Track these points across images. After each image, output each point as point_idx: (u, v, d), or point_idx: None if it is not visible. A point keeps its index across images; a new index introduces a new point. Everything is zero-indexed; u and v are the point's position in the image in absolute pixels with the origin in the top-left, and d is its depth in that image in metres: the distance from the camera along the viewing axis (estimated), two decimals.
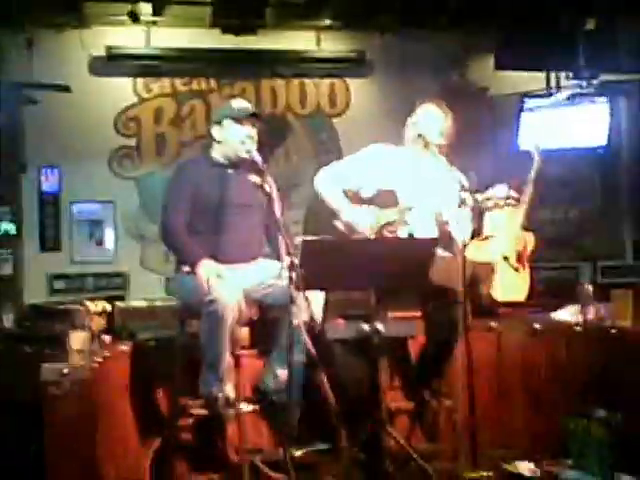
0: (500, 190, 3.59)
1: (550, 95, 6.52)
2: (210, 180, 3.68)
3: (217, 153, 3.76)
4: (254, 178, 3.68)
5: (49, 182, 6.24)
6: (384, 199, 3.87)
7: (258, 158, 3.57)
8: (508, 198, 3.57)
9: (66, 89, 5.96)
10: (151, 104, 6.50)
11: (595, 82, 6.25)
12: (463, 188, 3.53)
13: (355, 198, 3.94)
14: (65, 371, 3.02)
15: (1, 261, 6.00)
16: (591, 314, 4.00)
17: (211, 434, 3.67)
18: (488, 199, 3.57)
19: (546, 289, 5.34)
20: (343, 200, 3.89)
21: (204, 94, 6.52)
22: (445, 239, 3.73)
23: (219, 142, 3.73)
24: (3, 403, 3.33)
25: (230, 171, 3.72)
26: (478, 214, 3.76)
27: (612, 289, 4.05)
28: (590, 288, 4.08)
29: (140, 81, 6.45)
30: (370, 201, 3.92)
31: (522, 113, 6.43)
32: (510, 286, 4.54)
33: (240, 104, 3.80)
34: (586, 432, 2.52)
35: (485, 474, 3.31)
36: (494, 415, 3.95)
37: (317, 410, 3.46)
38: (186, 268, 3.57)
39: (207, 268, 3.43)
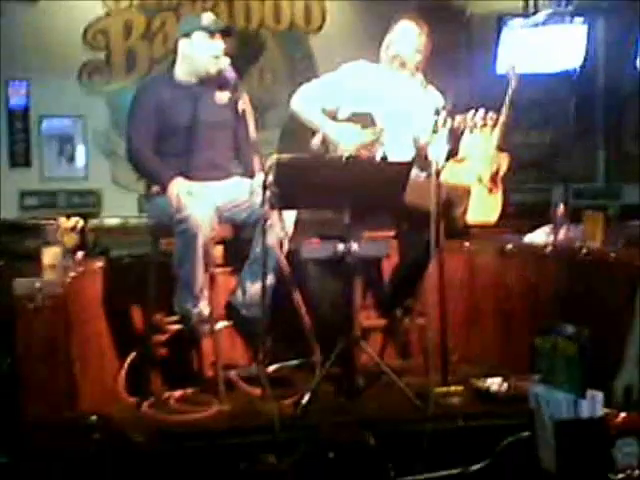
0: (478, 113, 3.57)
1: (528, 15, 6.44)
2: (175, 100, 3.57)
3: (182, 70, 3.62)
4: (222, 96, 3.61)
5: (17, 96, 6.09)
6: (360, 120, 3.83)
7: (232, 74, 3.50)
8: (485, 119, 3.56)
9: None
10: (120, 17, 6.31)
11: (573, 2, 6.17)
12: (440, 109, 3.52)
13: (332, 118, 3.90)
14: (38, 285, 3.00)
15: None
16: (562, 235, 4.05)
17: (186, 350, 3.71)
18: (465, 121, 3.55)
19: (519, 211, 5.38)
20: (323, 116, 3.84)
21: (175, 7, 6.34)
22: (422, 160, 3.73)
23: (186, 57, 3.59)
24: None
25: (196, 89, 3.61)
26: (455, 136, 3.75)
27: (584, 211, 4.09)
28: (562, 210, 4.12)
29: None
30: (347, 122, 3.88)
31: (500, 34, 6.34)
32: (483, 208, 4.57)
33: (210, 18, 3.64)
34: (555, 349, 2.57)
35: (454, 389, 3.40)
36: (465, 333, 4.04)
37: (291, 327, 3.50)
38: (156, 188, 3.53)
39: (177, 185, 3.40)
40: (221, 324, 3.54)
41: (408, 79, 3.81)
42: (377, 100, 3.84)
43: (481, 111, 3.56)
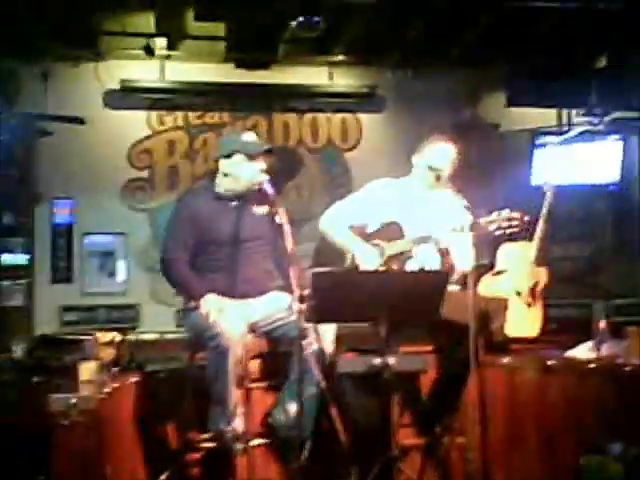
0: (502, 212, 3.55)
1: (562, 132, 6.54)
2: (213, 214, 3.62)
3: (222, 186, 3.67)
4: (261, 210, 3.65)
5: (62, 214, 6.27)
6: (389, 232, 3.86)
7: (270, 190, 3.54)
8: (510, 219, 3.53)
9: (80, 121, 6.02)
10: (164, 137, 6.54)
11: (607, 119, 6.26)
12: (466, 216, 3.53)
13: (361, 233, 3.93)
14: (73, 401, 3.01)
15: (13, 292, 6.01)
16: (605, 351, 3.97)
17: (220, 469, 3.63)
18: (491, 222, 3.54)
19: (560, 326, 5.28)
20: (349, 237, 3.88)
21: (217, 127, 6.56)
22: (446, 267, 3.71)
23: (227, 175, 3.64)
24: (12, 433, 3.31)
25: (234, 204, 3.65)
26: (490, 247, 3.72)
27: (626, 327, 4.02)
28: (604, 325, 4.05)
29: (154, 114, 6.50)
30: (376, 235, 3.91)
31: (534, 148, 6.43)
32: (522, 322, 4.51)
33: (250, 138, 3.72)
34: (602, 468, 2.47)
35: None
36: (507, 452, 3.89)
37: (328, 445, 3.42)
38: (192, 303, 3.55)
39: (208, 302, 3.42)
40: (255, 441, 3.47)
41: (437, 191, 3.85)
42: (405, 213, 3.87)
43: (505, 211, 3.53)
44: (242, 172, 3.61)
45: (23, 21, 5.35)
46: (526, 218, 3.56)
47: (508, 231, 3.54)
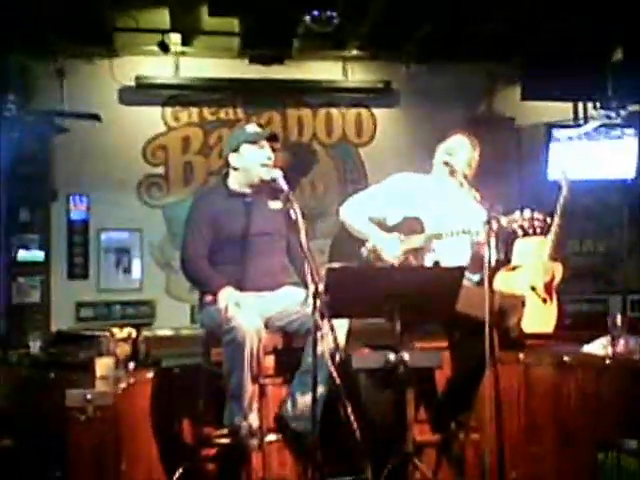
0: (525, 212, 3.54)
1: (578, 126, 6.50)
2: (228, 210, 3.65)
3: (235, 182, 3.70)
4: (275, 205, 3.67)
5: (78, 210, 6.31)
6: (410, 226, 3.85)
7: (284, 185, 3.53)
8: (533, 219, 3.51)
9: (96, 118, 6.03)
10: (179, 133, 6.56)
11: (623, 113, 6.22)
12: (487, 214, 3.50)
13: (381, 226, 3.93)
14: (89, 397, 3.02)
15: (29, 288, 6.06)
16: (621, 347, 3.94)
17: (235, 464, 3.64)
18: (512, 221, 3.52)
19: (575, 322, 5.26)
20: (370, 226, 3.87)
21: (231, 123, 6.57)
22: (478, 260, 3.68)
23: (237, 169, 3.68)
24: (28, 428, 3.34)
25: (249, 200, 3.68)
26: (505, 242, 3.70)
27: None
28: (620, 321, 4.02)
29: (168, 110, 6.52)
30: (395, 228, 3.90)
31: (549, 142, 6.40)
32: (538, 317, 4.48)
33: (254, 128, 3.78)
34: (617, 464, 2.46)
35: None
36: (523, 448, 3.88)
37: (342, 441, 3.41)
38: (208, 298, 3.56)
39: (226, 295, 3.43)
40: (270, 437, 3.47)
41: (456, 188, 3.83)
42: (425, 208, 3.86)
43: (527, 211, 3.52)
44: (250, 162, 3.63)
45: (37, 18, 5.37)
46: (548, 219, 3.55)
47: (530, 231, 3.52)
